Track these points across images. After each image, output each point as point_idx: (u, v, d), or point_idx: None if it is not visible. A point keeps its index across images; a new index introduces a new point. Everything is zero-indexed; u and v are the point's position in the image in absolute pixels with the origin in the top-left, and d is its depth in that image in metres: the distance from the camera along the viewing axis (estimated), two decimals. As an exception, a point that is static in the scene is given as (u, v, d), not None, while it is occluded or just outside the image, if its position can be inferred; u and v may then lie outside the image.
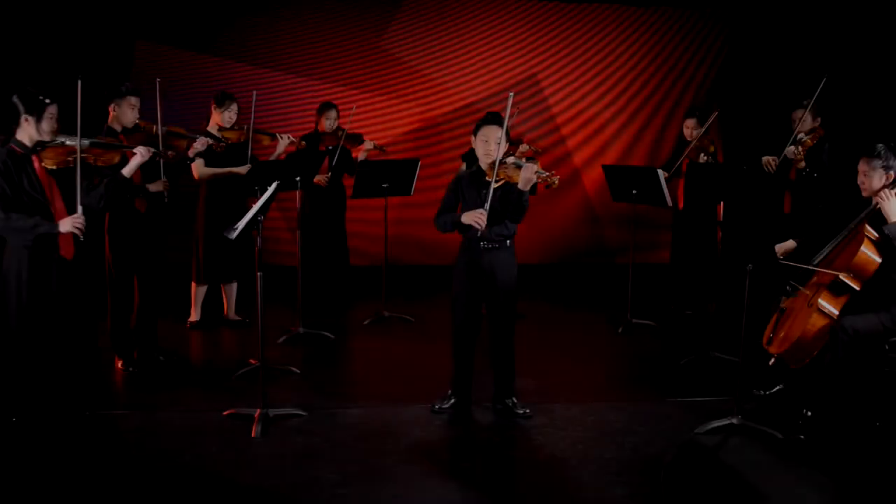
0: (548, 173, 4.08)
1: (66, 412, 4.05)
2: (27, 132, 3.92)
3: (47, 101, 3.93)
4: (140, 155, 4.39)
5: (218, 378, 4.99)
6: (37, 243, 3.86)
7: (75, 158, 4.02)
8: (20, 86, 4.00)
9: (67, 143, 4.04)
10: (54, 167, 4.02)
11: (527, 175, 4.07)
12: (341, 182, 6.73)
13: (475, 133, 4.31)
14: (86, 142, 4.11)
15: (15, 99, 3.91)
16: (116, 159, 4.40)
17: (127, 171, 4.35)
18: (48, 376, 3.92)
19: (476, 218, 4.11)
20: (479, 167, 4.31)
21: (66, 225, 3.88)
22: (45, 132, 3.94)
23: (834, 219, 4.44)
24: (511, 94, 4.35)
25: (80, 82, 4.00)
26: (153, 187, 4.95)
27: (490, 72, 8.15)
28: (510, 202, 4.20)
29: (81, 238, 3.95)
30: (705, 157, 6.36)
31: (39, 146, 3.97)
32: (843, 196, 5.51)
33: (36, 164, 3.96)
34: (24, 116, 3.89)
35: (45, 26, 7.05)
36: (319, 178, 6.41)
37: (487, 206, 4.11)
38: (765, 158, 6.02)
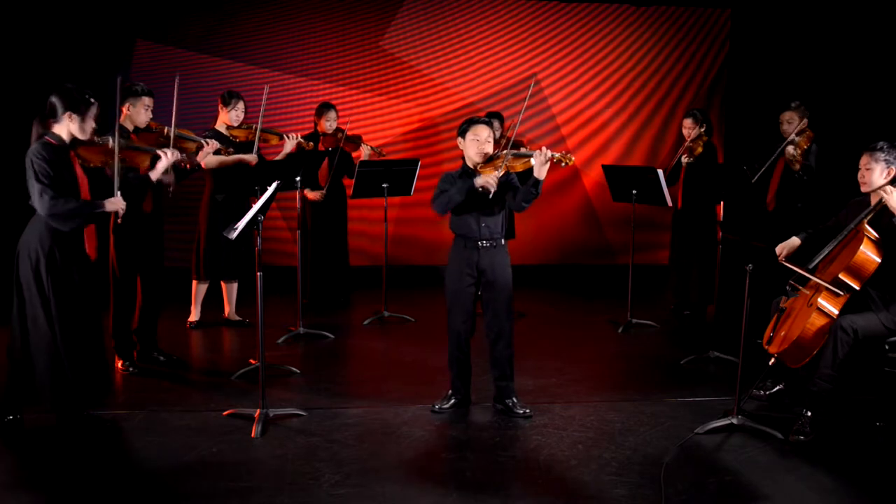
0: (561, 154, 4.10)
1: (67, 412, 4.05)
2: (67, 128, 3.94)
3: (92, 100, 3.97)
4: (166, 159, 4.42)
5: (218, 378, 5.00)
6: (76, 227, 3.90)
7: (111, 158, 4.06)
8: (27, 87, 4.03)
9: (101, 142, 4.08)
10: (90, 165, 4.07)
11: (541, 159, 4.08)
12: (341, 183, 6.74)
13: (462, 134, 4.31)
14: (123, 143, 4.14)
15: (54, 98, 3.92)
16: (147, 163, 4.46)
17: (154, 174, 4.40)
18: (74, 372, 3.93)
19: (490, 180, 4.13)
20: (467, 166, 4.32)
21: (113, 204, 3.97)
22: (87, 131, 3.98)
23: (819, 216, 4.46)
24: (533, 82, 4.46)
25: (119, 80, 4.12)
26: (164, 178, 4.92)
27: (490, 72, 8.15)
28: (518, 190, 4.21)
29: (119, 220, 4.07)
30: (688, 159, 6.37)
31: (76, 143, 3.99)
32: (823, 196, 5.54)
33: (73, 160, 4.00)
34: (67, 113, 3.91)
35: (44, 25, 7.05)
36: (314, 195, 6.42)
37: (500, 172, 4.15)
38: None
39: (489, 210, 4.25)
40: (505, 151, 4.24)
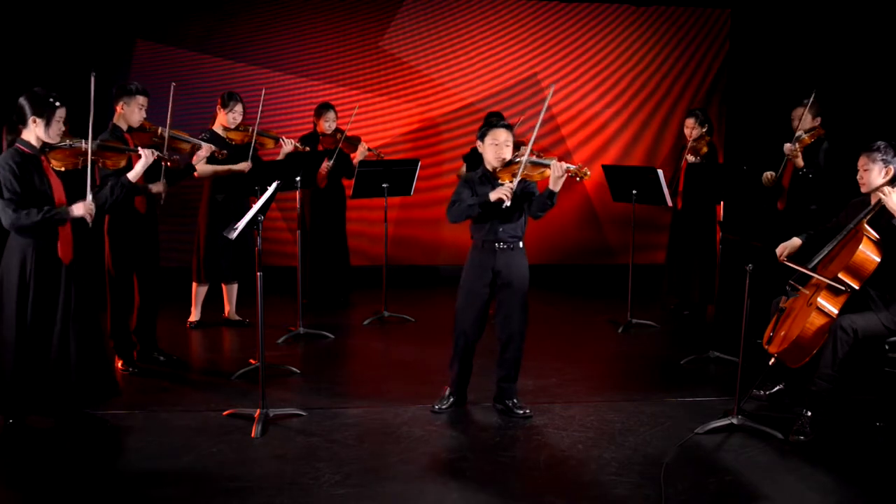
0: (576, 167, 4.12)
1: (67, 412, 4.05)
2: (34, 133, 3.90)
3: (57, 103, 3.91)
4: (145, 158, 4.43)
5: (218, 378, 5.00)
6: (47, 234, 3.86)
7: (83, 160, 4.04)
8: (26, 87, 4.00)
9: (74, 144, 4.06)
10: (62, 169, 4.05)
11: (557, 173, 4.11)
12: (340, 183, 6.73)
13: (482, 138, 4.31)
14: (95, 144, 4.13)
15: (22, 100, 3.89)
16: (123, 163, 4.49)
17: (133, 175, 4.41)
18: (47, 375, 3.92)
19: (505, 192, 4.11)
20: (486, 169, 4.32)
21: (79, 209, 3.89)
22: (53, 135, 3.93)
23: (832, 218, 4.45)
24: (552, 87, 4.59)
25: (93, 78, 4.02)
26: (154, 188, 4.96)
27: (490, 72, 8.15)
28: (534, 200, 4.23)
29: (90, 224, 3.95)
30: (693, 159, 6.38)
31: (47, 147, 3.98)
32: (837, 197, 5.52)
33: (45, 165, 3.97)
34: (31, 118, 3.87)
35: (44, 25, 7.05)
36: (324, 167, 6.36)
37: (516, 181, 4.14)
38: (765, 175, 6.00)
39: (507, 216, 4.24)
40: (523, 158, 4.23)
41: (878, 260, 4.01)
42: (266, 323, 4.37)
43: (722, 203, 5.51)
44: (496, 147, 4.25)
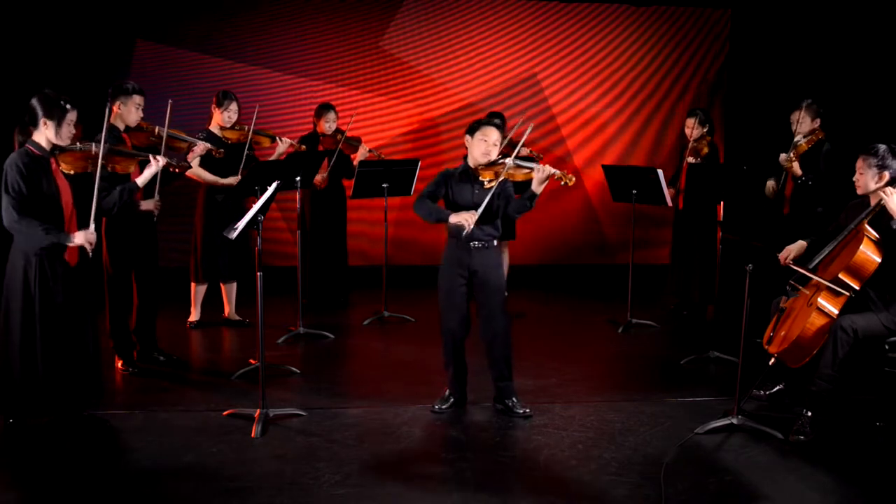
0: (562, 172, 4.13)
1: (66, 412, 4.05)
2: (45, 135, 3.90)
3: (68, 106, 3.91)
4: (155, 164, 4.46)
5: (218, 378, 5.00)
6: (45, 248, 3.86)
7: (93, 164, 4.04)
8: (28, 88, 4.00)
9: (84, 148, 4.07)
10: (71, 172, 4.05)
11: (541, 176, 4.12)
12: (340, 183, 6.73)
13: (472, 132, 4.31)
14: (106, 148, 4.13)
15: (34, 102, 3.89)
16: (132, 168, 4.52)
17: (141, 180, 4.45)
18: (49, 376, 3.91)
19: (466, 218, 4.12)
20: (469, 166, 4.32)
21: (80, 238, 3.87)
22: (64, 137, 3.93)
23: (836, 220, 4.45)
24: (531, 125, 4.57)
25: (110, 92, 4.23)
26: (145, 205, 4.93)
27: (490, 72, 8.15)
28: (513, 201, 4.25)
29: (90, 254, 3.94)
30: (694, 160, 6.38)
31: (57, 150, 3.98)
32: (842, 198, 5.51)
33: (54, 168, 3.97)
34: (43, 119, 3.87)
35: (44, 25, 7.05)
36: (316, 179, 6.40)
37: (481, 209, 4.13)
38: (768, 185, 5.97)
39: (484, 215, 4.22)
40: (508, 160, 4.23)
41: (879, 260, 4.01)
42: (266, 323, 4.38)
43: (722, 203, 5.50)
44: (485, 144, 4.25)
